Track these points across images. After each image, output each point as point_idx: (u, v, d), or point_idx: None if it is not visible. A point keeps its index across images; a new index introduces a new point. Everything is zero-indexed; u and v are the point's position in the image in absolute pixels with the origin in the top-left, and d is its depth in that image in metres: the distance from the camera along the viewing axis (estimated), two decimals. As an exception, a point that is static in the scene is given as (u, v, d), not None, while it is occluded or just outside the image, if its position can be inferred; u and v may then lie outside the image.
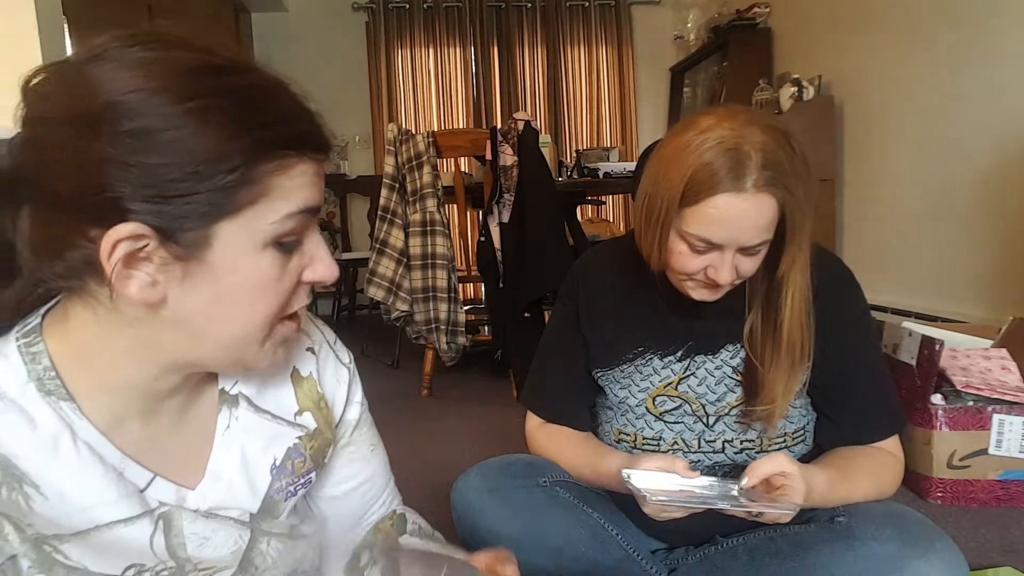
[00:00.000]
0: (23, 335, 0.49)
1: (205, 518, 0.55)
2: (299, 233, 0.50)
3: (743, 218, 0.77)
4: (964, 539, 1.28)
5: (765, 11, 3.87)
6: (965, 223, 2.52)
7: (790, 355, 0.85)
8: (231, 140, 0.44)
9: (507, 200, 2.32)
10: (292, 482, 0.61)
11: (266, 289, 0.49)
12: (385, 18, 4.64)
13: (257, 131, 0.45)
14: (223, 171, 0.44)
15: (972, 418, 1.44)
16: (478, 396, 2.51)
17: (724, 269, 0.80)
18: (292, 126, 0.48)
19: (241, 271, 0.47)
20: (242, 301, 0.48)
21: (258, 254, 0.47)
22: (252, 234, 0.47)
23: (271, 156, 0.46)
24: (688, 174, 0.77)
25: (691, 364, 0.92)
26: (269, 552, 0.59)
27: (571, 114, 4.83)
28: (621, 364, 0.96)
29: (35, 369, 0.48)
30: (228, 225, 0.45)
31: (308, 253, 0.51)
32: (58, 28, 2.36)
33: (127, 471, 0.51)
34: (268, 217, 0.47)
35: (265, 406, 0.60)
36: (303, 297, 0.52)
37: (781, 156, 0.76)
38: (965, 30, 2.48)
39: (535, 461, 0.97)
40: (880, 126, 3.00)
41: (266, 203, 0.46)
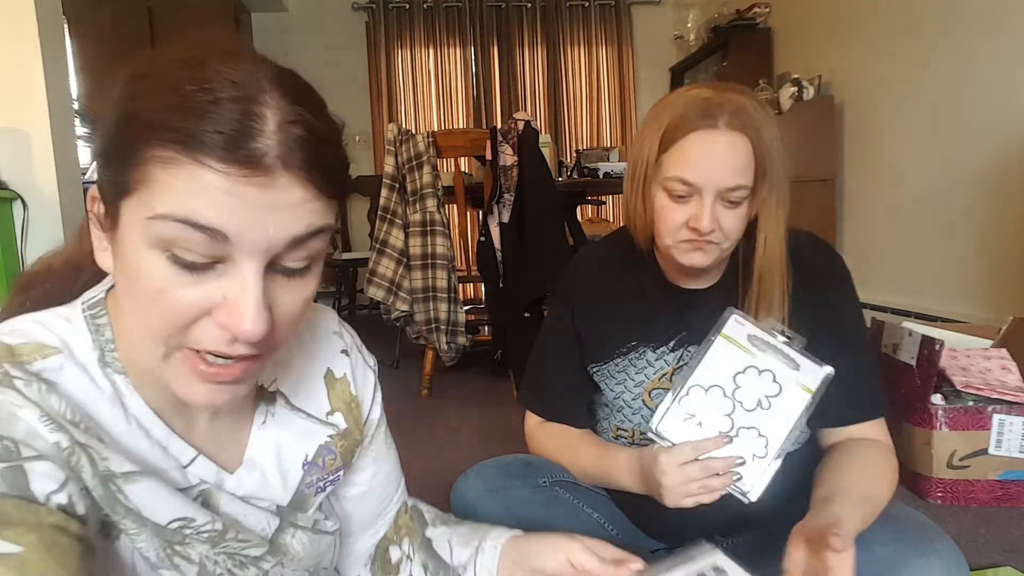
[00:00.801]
0: (89, 306, 0.52)
1: (241, 501, 0.56)
2: (202, 252, 0.42)
3: (717, 154, 0.80)
4: (964, 539, 1.28)
5: (765, 11, 3.87)
6: (965, 223, 2.52)
7: (766, 303, 0.87)
8: (136, 113, 0.42)
9: (507, 200, 2.32)
10: (322, 478, 0.63)
11: (149, 298, 0.43)
12: (385, 18, 4.64)
13: (156, 111, 0.41)
14: (123, 141, 0.42)
15: (972, 418, 1.44)
16: (478, 396, 2.51)
17: (705, 215, 0.81)
18: (195, 119, 0.40)
19: (131, 264, 0.43)
20: (134, 297, 0.44)
21: (146, 253, 0.42)
22: (139, 226, 0.42)
23: (160, 143, 0.40)
24: (664, 125, 0.83)
25: (684, 354, 0.93)
26: (293, 543, 0.61)
27: (571, 114, 4.83)
28: (615, 358, 0.96)
29: (99, 340, 0.50)
30: (126, 205, 0.43)
31: (224, 288, 0.43)
32: (58, 28, 2.36)
33: (171, 447, 0.52)
34: (144, 210, 0.41)
35: (300, 405, 0.62)
36: (213, 336, 0.44)
37: (750, 105, 0.81)
38: (966, 30, 2.48)
39: (535, 461, 0.97)
40: (880, 126, 3.00)
41: (147, 193, 0.41)
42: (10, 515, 0.41)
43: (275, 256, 0.44)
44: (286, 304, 0.46)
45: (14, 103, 2.20)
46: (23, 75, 2.20)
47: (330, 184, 0.45)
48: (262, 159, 0.41)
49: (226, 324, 0.43)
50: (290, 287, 0.46)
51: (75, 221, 2.37)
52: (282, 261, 0.45)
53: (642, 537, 0.98)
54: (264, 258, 0.43)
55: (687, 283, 0.94)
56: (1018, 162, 2.26)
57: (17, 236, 2.23)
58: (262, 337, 0.43)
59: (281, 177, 0.42)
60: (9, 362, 0.45)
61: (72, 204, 2.36)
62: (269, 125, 0.41)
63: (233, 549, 0.55)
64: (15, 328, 0.49)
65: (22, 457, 0.42)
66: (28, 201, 2.23)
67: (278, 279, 0.45)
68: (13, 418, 0.43)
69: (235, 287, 0.43)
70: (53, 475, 0.43)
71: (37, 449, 0.43)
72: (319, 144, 0.44)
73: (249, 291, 0.43)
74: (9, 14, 2.17)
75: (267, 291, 0.44)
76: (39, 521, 0.41)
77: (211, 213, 0.41)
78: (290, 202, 0.43)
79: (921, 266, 2.77)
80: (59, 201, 2.27)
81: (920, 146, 2.76)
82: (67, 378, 0.48)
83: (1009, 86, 2.30)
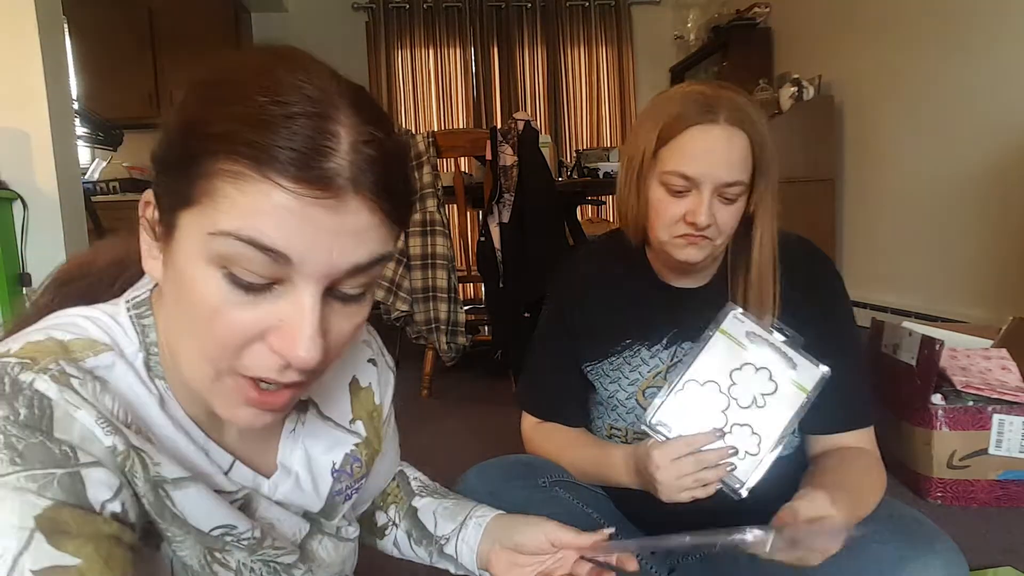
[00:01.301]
0: (134, 306, 0.50)
1: (277, 506, 0.56)
2: (262, 274, 0.40)
3: (716, 149, 0.81)
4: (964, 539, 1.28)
5: (765, 11, 3.87)
6: (965, 223, 2.52)
7: (759, 299, 0.87)
8: (204, 123, 0.40)
9: (507, 200, 2.32)
10: (349, 486, 0.63)
11: (203, 317, 0.41)
12: (385, 18, 4.64)
13: (226, 121, 0.39)
14: (187, 151, 0.41)
15: (972, 418, 1.44)
16: (478, 396, 2.51)
17: (702, 209, 0.81)
18: (267, 133, 0.38)
19: (186, 279, 0.42)
20: (186, 314, 0.43)
21: (203, 269, 0.41)
22: (199, 240, 0.41)
23: (228, 156, 0.39)
24: (663, 119, 0.83)
25: (677, 351, 0.93)
26: (319, 550, 0.61)
27: (571, 114, 4.83)
28: (609, 357, 0.96)
29: (145, 342, 0.49)
30: (186, 217, 0.41)
31: (281, 312, 0.41)
32: (58, 28, 2.36)
33: (211, 452, 0.52)
34: (208, 224, 0.40)
35: (329, 414, 0.62)
36: (265, 363, 0.42)
37: (748, 106, 0.83)
38: (966, 30, 2.48)
39: (534, 461, 0.97)
40: (880, 126, 3.00)
41: (212, 207, 0.40)
42: (68, 525, 0.40)
43: (334, 282, 0.42)
44: (339, 330, 0.44)
45: (14, 103, 2.20)
46: (23, 75, 2.20)
47: (397, 210, 0.44)
48: (334, 180, 0.39)
49: (280, 349, 0.41)
50: (345, 313, 0.44)
51: (75, 221, 2.38)
52: (340, 287, 0.43)
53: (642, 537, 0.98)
54: (324, 283, 0.42)
55: (680, 282, 0.94)
56: (1018, 162, 2.26)
57: (17, 236, 2.23)
58: (317, 364, 0.42)
59: (351, 201, 0.40)
60: (65, 359, 0.44)
61: (72, 204, 2.36)
62: (342, 144, 0.40)
63: (269, 556, 0.55)
64: (63, 323, 0.47)
65: (79, 463, 0.41)
66: (28, 201, 2.23)
67: (334, 305, 0.44)
68: (70, 419, 0.41)
69: (292, 311, 0.41)
70: (108, 482, 0.42)
71: (93, 455, 0.42)
72: (389, 167, 0.42)
73: (306, 317, 0.41)
74: (9, 14, 2.17)
75: (324, 319, 0.42)
76: (96, 531, 0.41)
77: (276, 234, 0.39)
78: (357, 227, 0.41)
79: (921, 266, 2.77)
80: (59, 201, 2.27)
81: (920, 146, 2.76)
82: (118, 376, 0.47)
83: (1009, 86, 2.30)
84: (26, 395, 0.41)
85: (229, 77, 0.42)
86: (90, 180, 3.74)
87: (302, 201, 0.39)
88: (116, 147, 3.12)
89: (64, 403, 0.41)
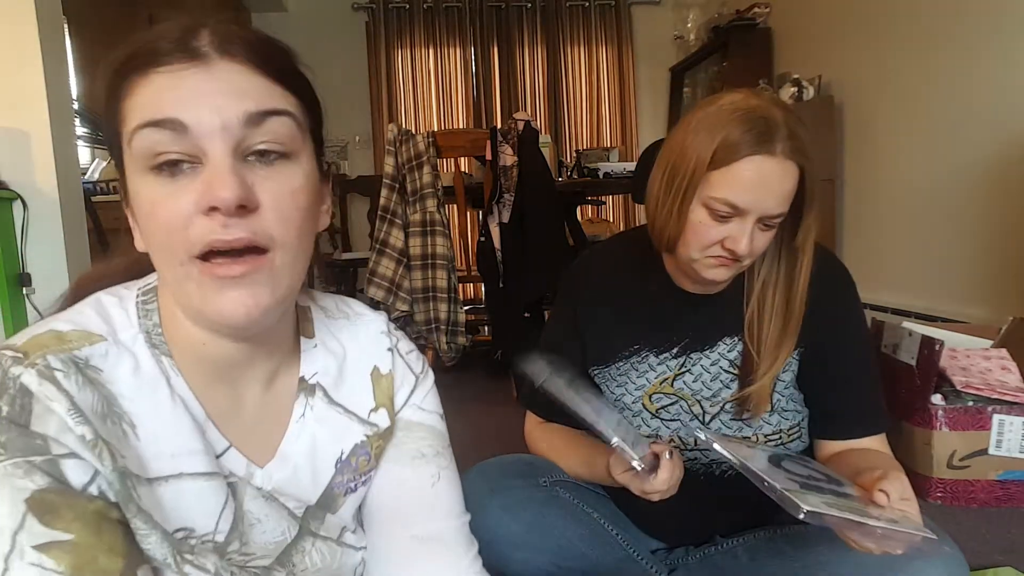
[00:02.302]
0: (143, 292, 0.56)
1: (265, 499, 0.57)
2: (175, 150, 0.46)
3: (771, 183, 0.79)
4: (964, 539, 1.28)
5: (765, 11, 3.87)
6: (965, 223, 2.52)
7: (792, 328, 0.87)
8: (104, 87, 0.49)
9: (507, 200, 2.32)
10: (353, 478, 0.63)
11: (150, 217, 0.47)
12: (385, 18, 4.63)
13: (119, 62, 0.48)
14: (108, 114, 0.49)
15: (972, 418, 1.44)
16: (478, 396, 2.51)
17: (744, 239, 0.80)
18: (143, 46, 0.47)
19: (137, 198, 0.48)
20: (148, 229, 0.49)
21: (140, 181, 0.48)
22: (130, 163, 0.48)
23: (125, 83, 0.47)
24: (720, 138, 0.79)
25: (687, 360, 0.92)
26: (311, 553, 0.60)
27: (571, 114, 4.82)
28: (617, 362, 0.96)
29: (146, 324, 0.54)
30: (125, 159, 0.49)
31: (203, 179, 0.46)
32: (58, 28, 2.36)
33: (208, 433, 0.54)
34: (127, 142, 0.48)
35: (340, 399, 0.62)
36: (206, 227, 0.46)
37: (802, 131, 0.81)
38: (966, 30, 2.48)
39: (535, 461, 0.97)
40: (880, 126, 3.00)
41: (126, 128, 0.48)
42: (56, 505, 0.44)
43: (238, 140, 0.47)
44: (270, 191, 0.48)
45: (14, 103, 2.20)
46: (23, 75, 2.19)
47: (277, 71, 0.49)
48: (199, 49, 0.47)
49: (207, 200, 0.45)
50: (267, 174, 0.48)
51: (75, 221, 2.37)
52: (248, 144, 0.47)
53: (642, 537, 0.98)
54: (226, 139, 0.46)
55: (692, 289, 0.94)
56: (1018, 161, 2.26)
57: (17, 236, 2.23)
58: (240, 201, 0.45)
59: (219, 62, 0.47)
60: (55, 350, 0.48)
61: (72, 204, 2.36)
62: (206, 30, 0.48)
63: (239, 561, 0.55)
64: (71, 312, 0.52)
65: (55, 454, 0.45)
66: (28, 201, 2.23)
67: (255, 167, 0.48)
68: (48, 412, 0.45)
69: (208, 170, 0.46)
70: (84, 469, 0.46)
71: (68, 446, 0.45)
72: (257, 42, 0.49)
73: (218, 163, 0.46)
74: (9, 14, 2.17)
75: (240, 171, 0.47)
76: (83, 509, 0.45)
77: (167, 107, 0.45)
78: (232, 83, 0.47)
79: (921, 266, 2.77)
80: (59, 201, 2.27)
81: (920, 146, 2.76)
82: (111, 365, 0.50)
83: (1009, 86, 2.29)
84: (10, 393, 0.45)
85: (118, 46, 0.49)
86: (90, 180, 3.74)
87: (178, 74, 0.46)
88: (116, 147, 3.11)
89: (43, 396, 0.46)
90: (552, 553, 0.88)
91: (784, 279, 0.88)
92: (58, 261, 2.27)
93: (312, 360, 0.61)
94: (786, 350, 0.87)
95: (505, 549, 0.86)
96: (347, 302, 0.69)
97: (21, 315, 2.21)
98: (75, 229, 2.37)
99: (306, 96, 0.52)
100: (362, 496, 0.65)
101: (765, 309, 0.88)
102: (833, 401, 0.91)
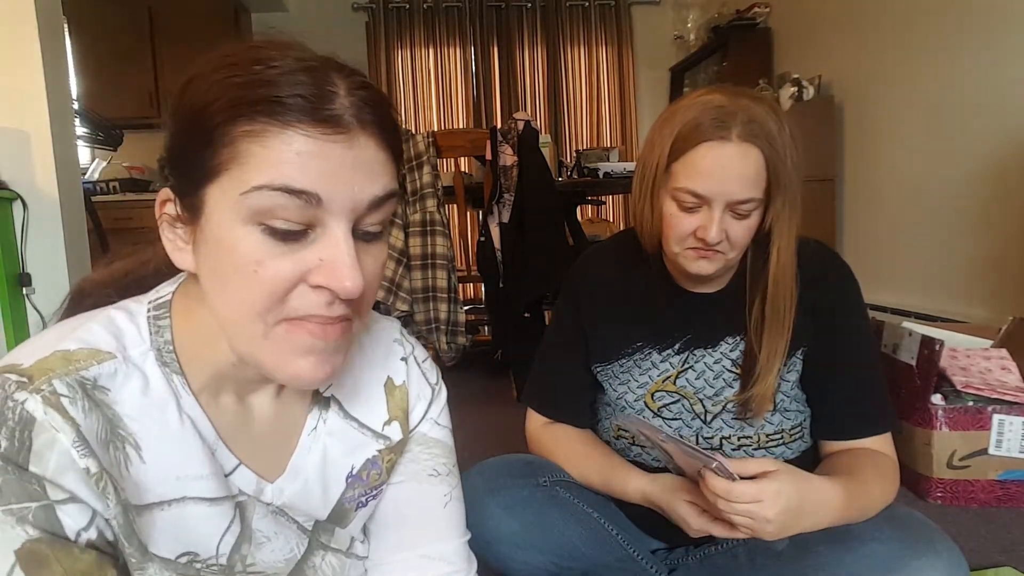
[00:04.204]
0: (155, 307, 0.53)
1: (274, 515, 0.56)
2: (296, 220, 0.44)
3: (728, 167, 0.79)
4: (964, 539, 1.28)
5: (765, 11, 3.87)
6: (965, 223, 2.52)
7: (776, 315, 0.86)
8: (214, 100, 0.44)
9: (507, 200, 2.32)
10: (364, 492, 0.62)
11: (247, 273, 0.44)
12: (385, 18, 4.64)
13: (235, 91, 0.43)
14: (204, 129, 0.44)
15: (972, 418, 1.44)
16: (478, 396, 2.51)
17: (712, 226, 0.80)
18: (275, 88, 0.43)
19: (224, 245, 0.45)
20: (228, 279, 0.45)
21: (240, 229, 0.44)
22: (232, 204, 0.44)
23: (247, 118, 0.43)
24: (676, 131, 0.81)
25: (689, 357, 0.92)
26: (322, 566, 0.59)
27: (571, 114, 4.82)
28: (620, 359, 0.96)
29: (157, 340, 0.51)
30: (213, 190, 0.45)
31: (319, 252, 0.45)
32: (58, 28, 2.36)
33: (218, 452, 0.53)
34: (240, 187, 0.43)
35: (355, 413, 0.61)
36: (311, 301, 0.45)
37: (764, 115, 0.80)
38: (966, 30, 2.48)
39: (535, 461, 0.97)
40: (880, 126, 3.00)
41: (239, 170, 0.43)
42: (46, 558, 0.42)
43: (358, 218, 0.46)
44: (368, 267, 0.47)
45: (14, 103, 2.20)
46: (23, 75, 2.19)
47: (396, 145, 0.49)
48: (342, 117, 0.44)
49: (326, 283, 0.44)
50: (369, 251, 0.48)
51: (75, 221, 2.37)
52: (363, 225, 0.47)
53: (642, 537, 0.98)
54: (351, 219, 0.45)
55: (694, 287, 0.94)
56: (1018, 161, 2.26)
57: (17, 236, 2.23)
58: (359, 294, 0.45)
59: (360, 136, 0.45)
60: (61, 373, 0.46)
61: (72, 204, 2.36)
62: (341, 90, 0.45)
63: None
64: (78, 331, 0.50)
65: (51, 500, 0.43)
66: (28, 201, 2.23)
67: (360, 244, 0.47)
68: (50, 447, 0.43)
69: (330, 248, 0.45)
70: (82, 513, 0.44)
71: (66, 489, 0.43)
72: (383, 106, 0.47)
73: (343, 249, 0.45)
74: (9, 14, 2.17)
75: (358, 256, 0.46)
76: (73, 563, 0.43)
77: (304, 177, 0.43)
78: (368, 161, 0.45)
79: (921, 266, 2.77)
80: (59, 201, 2.27)
81: (920, 146, 2.76)
82: (119, 384, 0.48)
83: (1009, 86, 2.29)
84: (9, 425, 0.43)
85: (222, 63, 0.45)
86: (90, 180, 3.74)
87: (319, 142, 0.43)
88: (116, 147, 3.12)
89: (48, 425, 0.43)
90: (552, 553, 0.88)
91: (766, 270, 0.87)
92: (58, 261, 2.27)
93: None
94: (782, 346, 0.87)
95: (505, 549, 0.86)
96: None
97: (21, 315, 2.21)
98: (75, 229, 2.37)
99: (401, 160, 0.52)
100: (372, 509, 0.64)
101: (765, 306, 0.88)
102: (833, 401, 0.91)
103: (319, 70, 0.44)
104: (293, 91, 0.43)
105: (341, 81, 0.45)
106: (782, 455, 0.91)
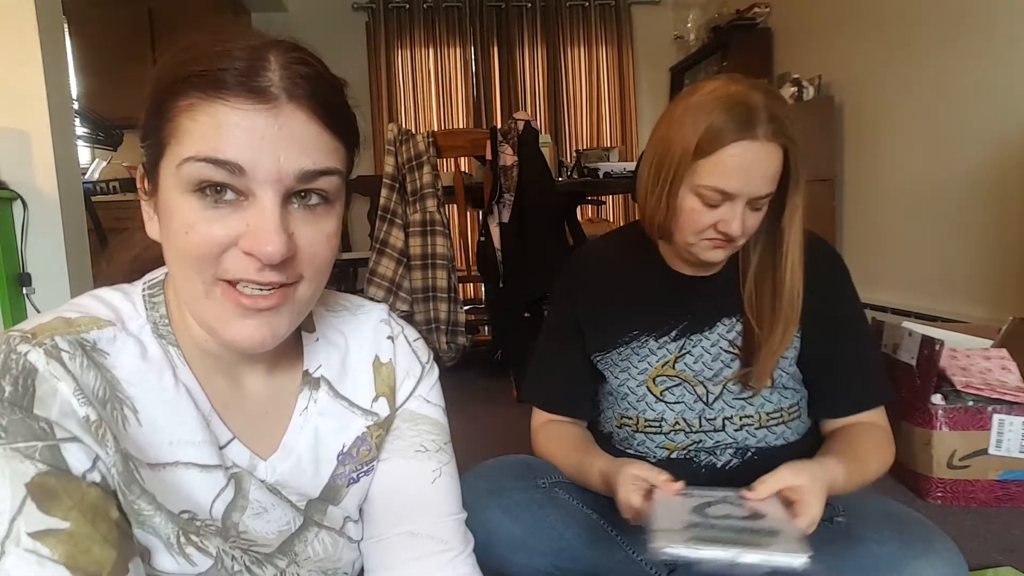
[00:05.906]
0: (149, 287, 0.57)
1: (268, 491, 0.57)
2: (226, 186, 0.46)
3: (755, 166, 0.81)
4: (964, 539, 1.28)
5: (765, 11, 3.87)
6: (965, 223, 2.52)
7: (790, 305, 0.89)
8: (161, 79, 0.47)
9: (507, 200, 2.32)
10: (355, 468, 0.63)
11: (186, 234, 0.47)
12: (385, 18, 4.63)
13: (177, 69, 0.46)
14: (155, 106, 0.48)
15: (972, 418, 1.44)
16: (478, 396, 2.51)
17: (735, 221, 0.83)
18: (207, 63, 0.46)
19: (168, 212, 0.48)
20: (169, 243, 0.49)
21: (180, 199, 0.47)
22: (172, 176, 0.47)
23: (183, 94, 0.46)
24: (702, 127, 0.81)
25: (686, 343, 0.94)
26: (314, 543, 0.60)
27: (571, 114, 4.82)
28: (618, 347, 0.97)
29: (153, 315, 0.54)
30: (164, 164, 0.48)
31: (247, 219, 0.47)
32: (58, 28, 2.36)
33: (212, 424, 0.54)
34: (175, 159, 0.47)
35: (344, 392, 0.63)
36: (242, 265, 0.47)
37: (783, 111, 0.82)
38: (965, 30, 2.48)
39: (534, 462, 0.97)
40: (880, 126, 3.00)
41: (176, 143, 0.47)
42: (56, 490, 0.44)
43: (288, 189, 0.47)
44: (307, 235, 0.49)
45: (14, 103, 2.20)
46: (23, 75, 2.19)
47: (335, 122, 0.49)
48: (268, 90, 0.46)
49: (250, 248, 0.47)
50: (308, 219, 0.49)
51: (75, 221, 2.37)
52: (295, 192, 0.48)
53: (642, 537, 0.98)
54: (278, 188, 0.47)
55: (690, 271, 0.96)
56: (1018, 161, 2.26)
57: (17, 236, 2.23)
58: (283, 257, 0.47)
59: (286, 107, 0.46)
60: (63, 333, 0.48)
61: (72, 204, 2.36)
62: (274, 64, 0.47)
63: (242, 545, 0.56)
64: (75, 303, 0.53)
65: (57, 438, 0.45)
66: (28, 201, 2.23)
67: (297, 212, 0.49)
68: (53, 392, 0.45)
69: (255, 215, 0.47)
70: (86, 454, 0.46)
71: (70, 430, 0.45)
72: (321, 82, 0.49)
73: (267, 216, 0.47)
74: (9, 14, 2.17)
75: (286, 220, 0.48)
76: (81, 497, 0.45)
77: (228, 148, 0.45)
78: (296, 132, 0.47)
79: (921, 266, 2.77)
80: (59, 201, 2.27)
81: (920, 146, 2.76)
82: (119, 349, 0.51)
83: (1008, 86, 2.29)
84: (13, 373, 0.45)
85: (180, 47, 0.48)
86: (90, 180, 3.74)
87: (243, 112, 0.45)
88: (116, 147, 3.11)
89: (49, 375, 0.46)
90: (551, 554, 0.88)
91: (776, 256, 0.90)
92: (58, 261, 2.27)
93: (315, 354, 0.62)
94: (791, 326, 0.89)
95: (504, 550, 0.86)
96: (346, 296, 0.70)
97: (21, 315, 2.22)
98: (75, 229, 2.37)
99: (353, 141, 0.53)
100: (366, 486, 0.65)
101: (764, 287, 0.91)
102: (827, 379, 0.94)
103: (259, 48, 0.47)
104: (223, 65, 0.45)
105: (277, 56, 0.47)
106: (783, 434, 0.93)
